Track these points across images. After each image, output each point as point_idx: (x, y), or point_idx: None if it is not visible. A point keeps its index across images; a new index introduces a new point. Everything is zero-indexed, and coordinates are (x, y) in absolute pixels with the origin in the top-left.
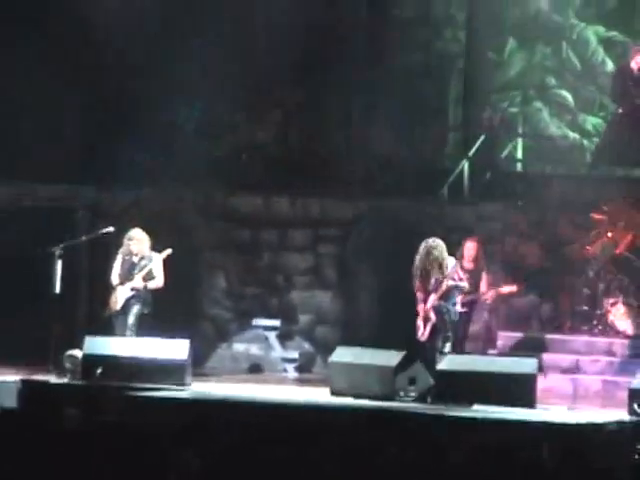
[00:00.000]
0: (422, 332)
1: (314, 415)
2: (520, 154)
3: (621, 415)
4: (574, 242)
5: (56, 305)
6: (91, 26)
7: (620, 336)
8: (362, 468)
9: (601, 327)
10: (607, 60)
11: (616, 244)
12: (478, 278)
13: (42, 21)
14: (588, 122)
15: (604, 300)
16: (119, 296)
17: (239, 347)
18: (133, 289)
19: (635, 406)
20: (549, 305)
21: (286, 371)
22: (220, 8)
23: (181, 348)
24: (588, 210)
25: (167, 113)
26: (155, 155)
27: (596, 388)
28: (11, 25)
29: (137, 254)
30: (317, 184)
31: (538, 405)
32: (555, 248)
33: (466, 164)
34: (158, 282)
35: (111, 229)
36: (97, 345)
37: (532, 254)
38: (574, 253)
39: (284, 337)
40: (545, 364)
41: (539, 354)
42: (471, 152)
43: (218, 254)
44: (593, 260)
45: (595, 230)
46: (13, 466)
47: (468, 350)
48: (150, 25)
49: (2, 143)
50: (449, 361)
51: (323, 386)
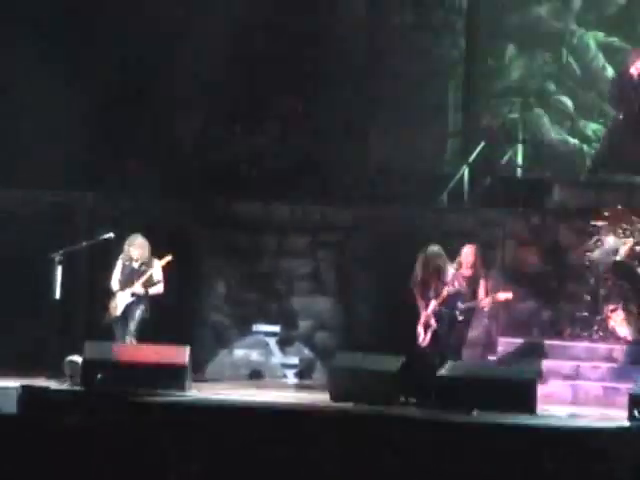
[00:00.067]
0: (423, 338)
1: (314, 421)
2: (520, 160)
3: (621, 421)
4: (574, 248)
5: (56, 311)
6: (94, 32)
7: (620, 342)
8: (362, 473)
9: (601, 333)
10: (607, 66)
11: (616, 250)
12: (476, 284)
13: (44, 23)
14: (588, 128)
15: (604, 306)
16: (119, 302)
17: (239, 353)
18: (133, 295)
19: (635, 412)
20: (549, 311)
21: (286, 377)
22: (217, 17)
23: (181, 354)
24: (588, 216)
25: (168, 120)
26: (155, 162)
27: (596, 394)
28: (12, 26)
29: (137, 260)
30: (317, 191)
31: (539, 411)
32: (555, 254)
33: (466, 170)
34: (158, 288)
35: (111, 235)
36: (97, 351)
37: (532, 260)
38: (574, 259)
39: (284, 343)
40: (545, 370)
41: (539, 360)
42: (471, 158)
43: (218, 260)
44: (593, 266)
45: (595, 236)
46: (13, 471)
47: (467, 356)
48: (151, 33)
49: (2, 148)
50: (449, 367)
51: (323, 392)
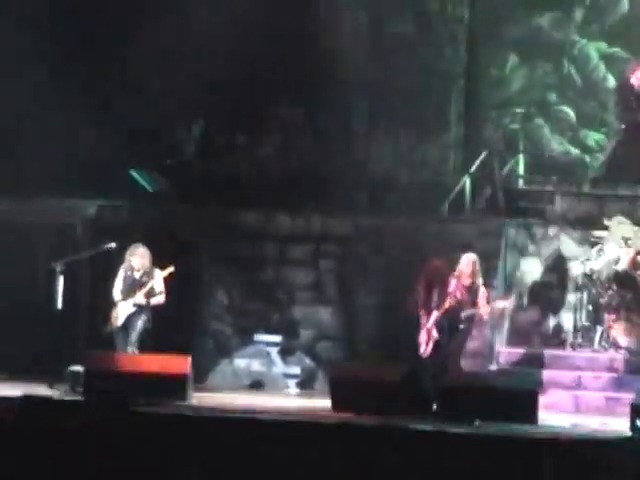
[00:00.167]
0: (425, 348)
1: (315, 431)
2: (522, 170)
3: (623, 431)
4: (576, 258)
5: (57, 320)
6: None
7: (622, 352)
8: None
9: (603, 343)
10: (608, 76)
11: (618, 260)
12: (476, 293)
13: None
14: (590, 138)
15: (606, 316)
16: (120, 312)
17: (240, 363)
18: (135, 305)
19: (637, 422)
20: (551, 321)
21: (288, 387)
22: (218, 28)
23: (182, 363)
24: (590, 226)
25: (168, 130)
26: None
27: (598, 404)
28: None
29: (139, 270)
30: (318, 200)
31: (540, 421)
32: (557, 264)
33: (467, 180)
34: (160, 298)
35: (112, 245)
36: (99, 360)
37: (534, 270)
38: (575, 269)
39: (285, 352)
40: (547, 380)
41: (540, 370)
42: (472, 168)
43: (219, 270)
44: (595, 276)
45: (597, 246)
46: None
47: (468, 366)
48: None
49: (3, 158)
50: (452, 377)
51: (325, 402)
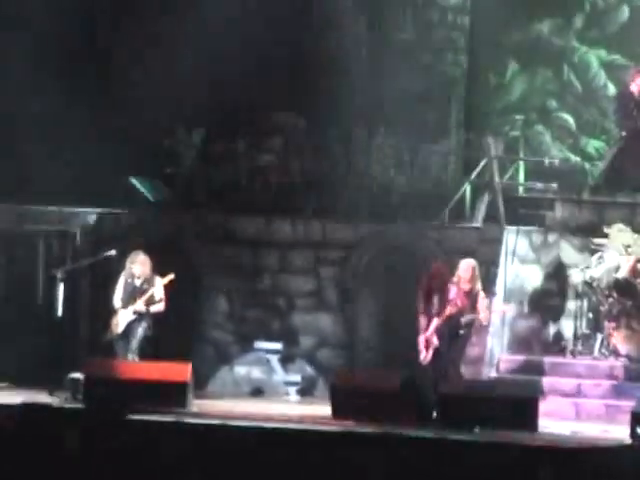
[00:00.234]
0: (425, 355)
1: (316, 438)
2: (522, 177)
3: (623, 439)
4: (576, 265)
5: (58, 328)
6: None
7: (622, 360)
8: None
9: (603, 350)
10: (609, 83)
11: (618, 268)
12: (475, 298)
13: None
14: (590, 145)
15: (606, 323)
16: (121, 319)
17: (241, 370)
18: (135, 312)
19: (637, 429)
20: (551, 328)
21: (288, 394)
22: (217, 33)
23: (183, 371)
24: (590, 233)
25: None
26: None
27: (598, 412)
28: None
29: (139, 277)
30: (318, 207)
31: (540, 428)
32: (557, 271)
33: (468, 187)
34: (159, 306)
35: (113, 252)
36: (99, 368)
37: (534, 277)
38: (576, 276)
39: (286, 360)
40: (547, 387)
41: (541, 377)
42: (473, 175)
43: (219, 277)
44: (595, 284)
45: (597, 253)
46: None
47: (470, 373)
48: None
49: (3, 166)
50: (451, 384)
51: (325, 409)
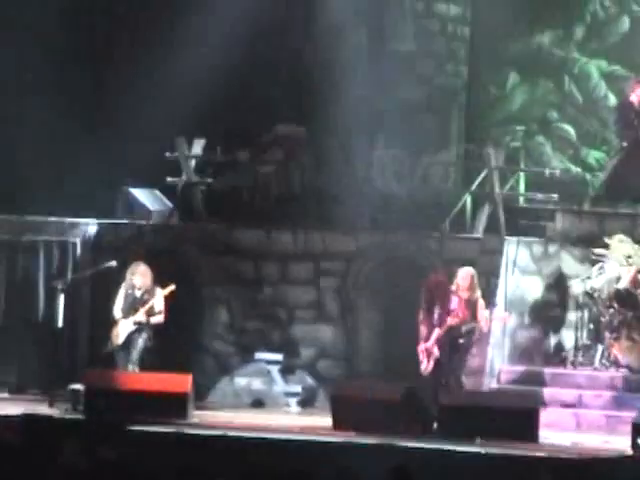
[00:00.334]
0: (425, 366)
1: (316, 450)
2: (522, 188)
3: (624, 450)
4: (577, 276)
5: (58, 339)
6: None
7: (623, 370)
8: None
9: (604, 361)
10: (609, 94)
11: (619, 278)
12: (475, 307)
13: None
14: (590, 156)
15: (607, 334)
16: (121, 330)
17: (241, 381)
18: (136, 323)
19: (638, 440)
20: (552, 339)
21: (288, 405)
22: (219, 45)
23: (183, 382)
24: (591, 244)
25: (168, 149)
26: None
27: (599, 422)
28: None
29: (140, 288)
30: (319, 218)
31: (541, 439)
32: (558, 282)
33: (468, 198)
34: (159, 318)
35: (113, 263)
36: (99, 379)
37: (534, 288)
38: (577, 287)
39: (286, 371)
40: (548, 398)
41: (541, 388)
42: (473, 186)
43: (219, 288)
44: (596, 294)
45: (598, 264)
46: None
47: (470, 384)
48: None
49: (3, 177)
50: (452, 395)
51: (326, 420)
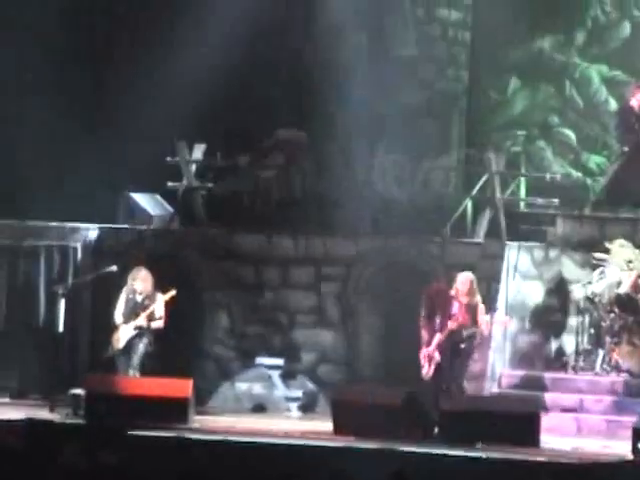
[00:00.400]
0: (427, 371)
1: (317, 455)
2: (523, 193)
3: (625, 454)
4: (578, 281)
5: (59, 344)
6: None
7: (624, 375)
8: None
9: (605, 366)
10: (610, 99)
11: (620, 283)
12: (475, 311)
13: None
14: (591, 161)
15: (608, 339)
16: (122, 335)
17: (242, 386)
18: (137, 328)
19: (639, 445)
20: (553, 344)
21: (289, 410)
22: (220, 50)
23: (184, 387)
24: (591, 249)
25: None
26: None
27: (600, 427)
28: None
29: (141, 293)
30: (320, 223)
31: (541, 444)
32: (558, 287)
33: (469, 203)
34: (159, 323)
35: (114, 268)
36: (100, 384)
37: (535, 293)
38: (577, 292)
39: (287, 376)
40: (548, 403)
41: (542, 393)
42: (474, 191)
43: (220, 293)
44: (597, 299)
45: (598, 269)
46: None
47: (472, 388)
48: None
49: (4, 182)
50: (453, 400)
51: (327, 425)
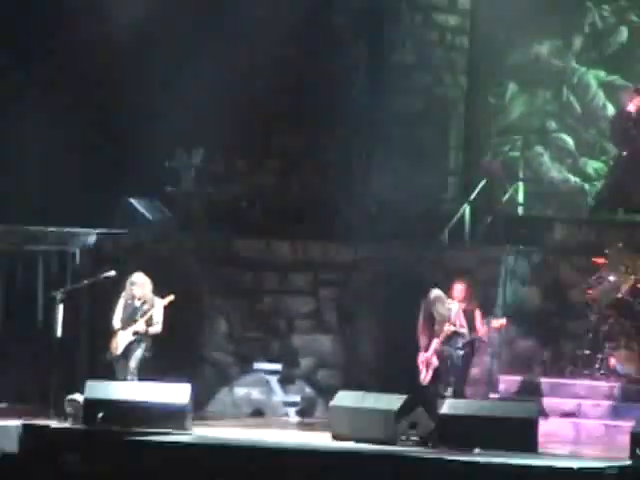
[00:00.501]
0: (424, 376)
1: (315, 459)
2: (521, 198)
3: (623, 459)
4: (575, 286)
5: (57, 349)
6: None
7: (622, 380)
8: None
9: (603, 371)
10: (608, 104)
11: (618, 288)
12: (472, 317)
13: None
14: (589, 166)
15: (606, 344)
16: (120, 340)
17: (240, 391)
18: (135, 333)
19: (637, 450)
20: (551, 349)
21: (287, 415)
22: (219, 55)
23: (182, 392)
24: (589, 254)
25: (168, 159)
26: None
27: (598, 432)
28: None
29: (140, 298)
30: (318, 228)
31: (539, 449)
32: (556, 292)
33: (467, 208)
34: (157, 328)
35: (112, 273)
36: (98, 389)
37: (533, 298)
38: (575, 297)
39: (285, 381)
40: (546, 408)
41: (540, 398)
42: (472, 196)
43: (219, 298)
44: (594, 304)
45: (596, 274)
46: None
47: (469, 394)
48: (151, 72)
49: (3, 187)
50: (450, 405)
51: (324, 430)
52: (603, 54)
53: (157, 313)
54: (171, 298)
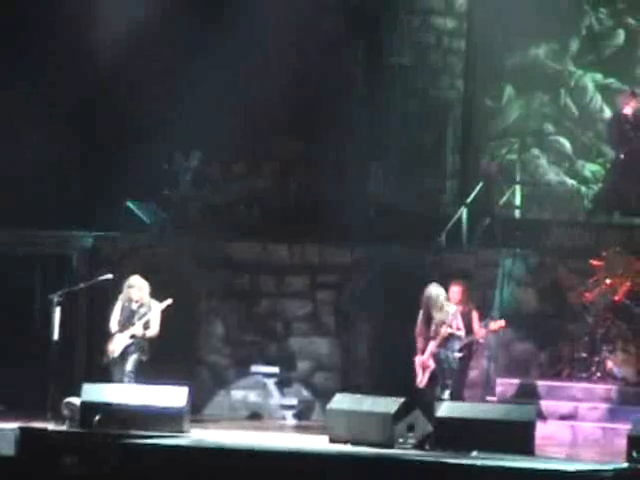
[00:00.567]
0: (421, 379)
1: (313, 462)
2: (518, 201)
3: (619, 462)
4: (573, 289)
5: (54, 352)
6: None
7: (618, 383)
8: None
9: (600, 374)
10: (605, 107)
11: (615, 291)
12: (469, 320)
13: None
14: (586, 169)
15: (603, 347)
16: (117, 343)
17: (237, 394)
18: (132, 336)
19: (634, 453)
20: (548, 352)
21: (285, 418)
22: (217, 58)
23: (179, 395)
24: (587, 257)
25: (166, 162)
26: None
27: (595, 435)
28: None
29: (137, 301)
30: (315, 231)
31: (537, 452)
32: (553, 295)
33: (464, 211)
34: (153, 331)
35: (109, 276)
36: (95, 392)
37: (530, 301)
38: (573, 300)
39: (283, 384)
40: (543, 411)
41: (538, 401)
42: (469, 199)
43: (216, 301)
44: (592, 307)
45: (594, 277)
46: None
47: (467, 396)
48: (149, 75)
49: (0, 190)
50: (448, 408)
51: (322, 433)
52: (600, 57)
53: (154, 316)
54: (168, 301)
